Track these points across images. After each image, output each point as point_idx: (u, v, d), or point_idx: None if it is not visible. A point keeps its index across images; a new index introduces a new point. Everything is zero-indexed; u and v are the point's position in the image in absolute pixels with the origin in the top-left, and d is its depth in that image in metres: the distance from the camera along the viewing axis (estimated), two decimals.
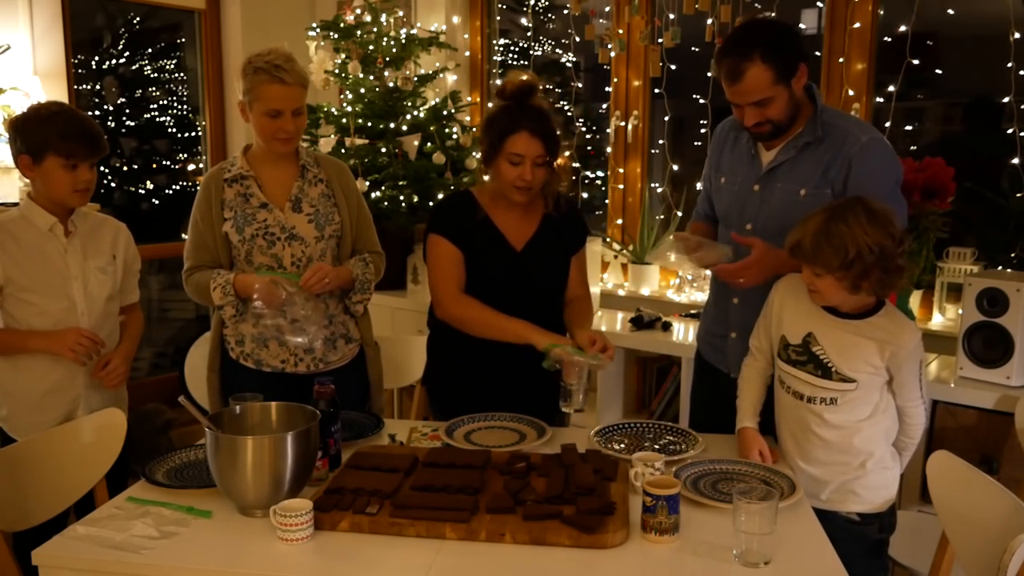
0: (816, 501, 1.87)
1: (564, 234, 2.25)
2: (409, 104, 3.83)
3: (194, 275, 2.29)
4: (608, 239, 3.83)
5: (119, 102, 4.37)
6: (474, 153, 3.78)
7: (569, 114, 4.14)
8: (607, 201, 3.95)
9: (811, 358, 1.85)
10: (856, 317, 1.83)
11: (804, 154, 2.02)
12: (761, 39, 1.92)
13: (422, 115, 3.82)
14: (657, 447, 1.99)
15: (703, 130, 3.58)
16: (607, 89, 3.86)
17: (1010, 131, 2.87)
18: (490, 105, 4.27)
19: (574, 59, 4.05)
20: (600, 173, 4.07)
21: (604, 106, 3.96)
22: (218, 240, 2.26)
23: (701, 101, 3.54)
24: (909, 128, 3.25)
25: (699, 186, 2.40)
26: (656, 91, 3.69)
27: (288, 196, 2.27)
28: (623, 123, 3.81)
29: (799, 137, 2.02)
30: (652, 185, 3.84)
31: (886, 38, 3.13)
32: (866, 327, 1.82)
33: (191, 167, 4.62)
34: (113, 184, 4.35)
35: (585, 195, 4.01)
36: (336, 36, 3.80)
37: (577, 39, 3.90)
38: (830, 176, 1.98)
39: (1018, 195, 2.86)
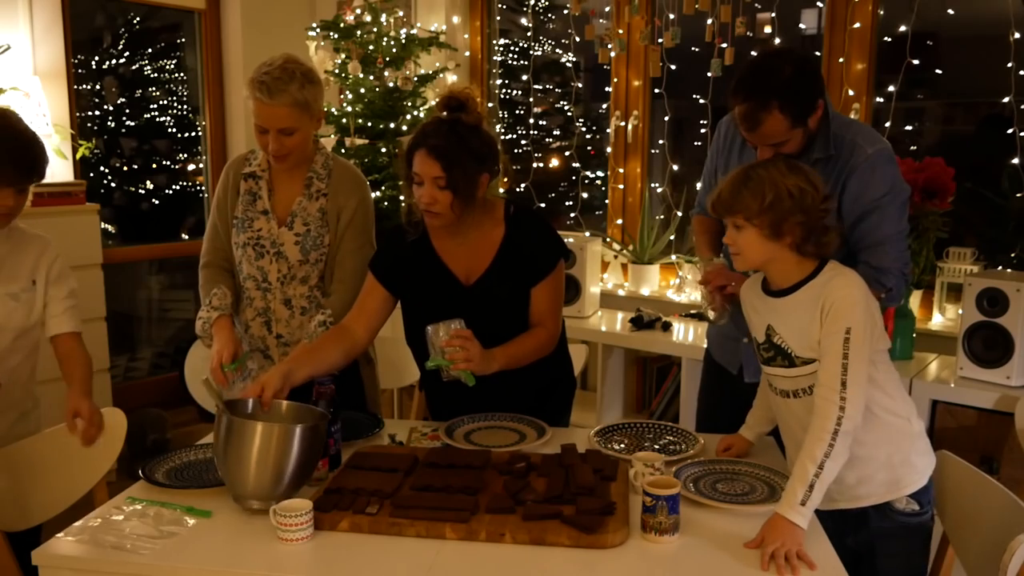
0: (856, 500, 1.72)
1: (526, 263, 2.01)
2: (409, 104, 3.83)
3: (202, 274, 2.27)
4: (608, 239, 3.83)
5: (119, 102, 4.37)
6: None
7: (569, 114, 4.15)
8: (607, 201, 3.95)
9: (776, 351, 1.74)
10: (799, 287, 1.70)
11: (815, 168, 1.94)
12: (779, 86, 1.81)
13: (422, 115, 3.82)
14: (657, 447, 1.99)
15: (703, 130, 3.58)
16: (607, 89, 3.86)
17: (1010, 131, 2.88)
18: (490, 105, 4.29)
19: (574, 59, 4.05)
20: (600, 173, 4.07)
21: (604, 106, 3.96)
22: (228, 231, 2.24)
23: (701, 101, 3.54)
24: (909, 128, 3.25)
25: (699, 185, 2.37)
26: (656, 91, 3.69)
27: (289, 209, 2.20)
28: (623, 123, 3.81)
29: (810, 153, 1.96)
30: (652, 185, 3.84)
31: (886, 38, 3.13)
32: (805, 292, 1.68)
33: (191, 167, 4.63)
34: (113, 184, 4.35)
35: (585, 195, 4.01)
36: (336, 36, 3.81)
37: (577, 39, 3.90)
38: (837, 188, 1.94)
39: (1018, 195, 2.86)
